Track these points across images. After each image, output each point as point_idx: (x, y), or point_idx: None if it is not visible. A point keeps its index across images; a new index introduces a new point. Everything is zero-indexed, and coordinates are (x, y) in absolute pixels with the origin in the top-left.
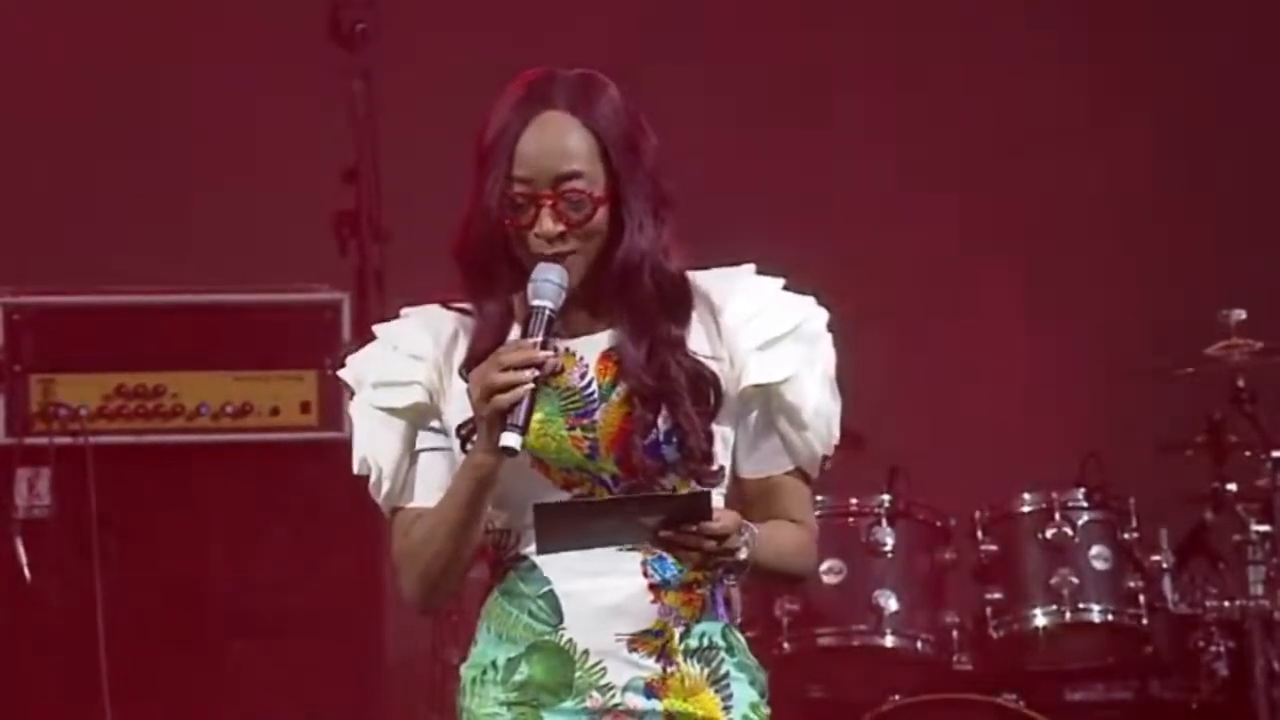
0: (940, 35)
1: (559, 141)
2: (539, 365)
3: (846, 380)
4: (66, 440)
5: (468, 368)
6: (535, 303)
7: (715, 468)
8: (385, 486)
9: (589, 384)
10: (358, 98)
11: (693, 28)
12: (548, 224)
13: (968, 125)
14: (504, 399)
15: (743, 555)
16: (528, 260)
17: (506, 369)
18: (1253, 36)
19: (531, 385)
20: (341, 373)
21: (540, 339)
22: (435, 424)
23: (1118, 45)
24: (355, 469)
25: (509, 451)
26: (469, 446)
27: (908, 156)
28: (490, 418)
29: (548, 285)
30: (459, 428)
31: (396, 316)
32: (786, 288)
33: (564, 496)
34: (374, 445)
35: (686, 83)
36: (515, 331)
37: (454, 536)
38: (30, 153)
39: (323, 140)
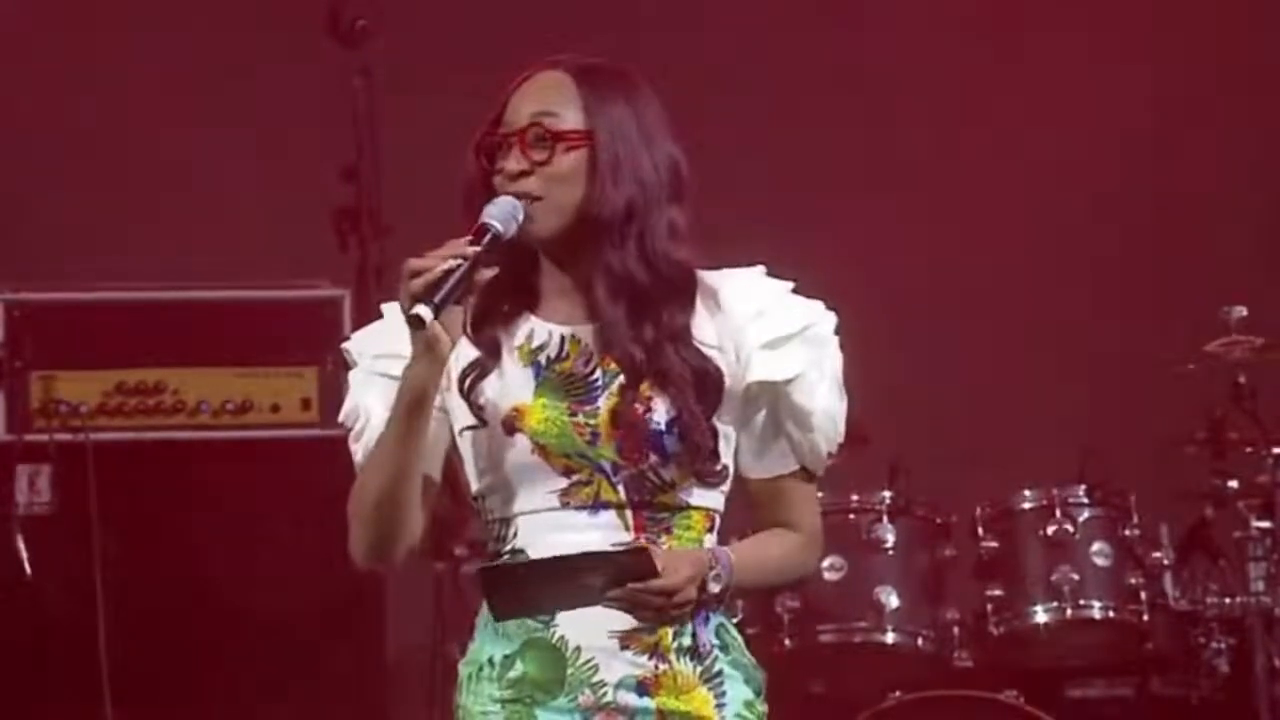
0: (937, 34)
1: (541, 89)
2: (464, 257)
3: (849, 377)
4: (67, 437)
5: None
6: (481, 220)
7: (719, 466)
8: (366, 437)
9: (593, 370)
10: (358, 94)
11: (696, 27)
12: (511, 161)
13: (966, 124)
14: (418, 282)
15: (715, 589)
16: None
17: (430, 257)
18: (1257, 32)
19: (449, 265)
20: (345, 345)
21: (472, 239)
22: (435, 401)
23: (1119, 43)
24: (341, 416)
25: (416, 320)
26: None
27: (906, 155)
28: (407, 300)
29: (498, 209)
30: (461, 376)
31: None
32: (795, 291)
33: (563, 483)
34: (367, 398)
35: (690, 82)
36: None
37: (390, 465)
38: (30, 150)
39: (323, 137)
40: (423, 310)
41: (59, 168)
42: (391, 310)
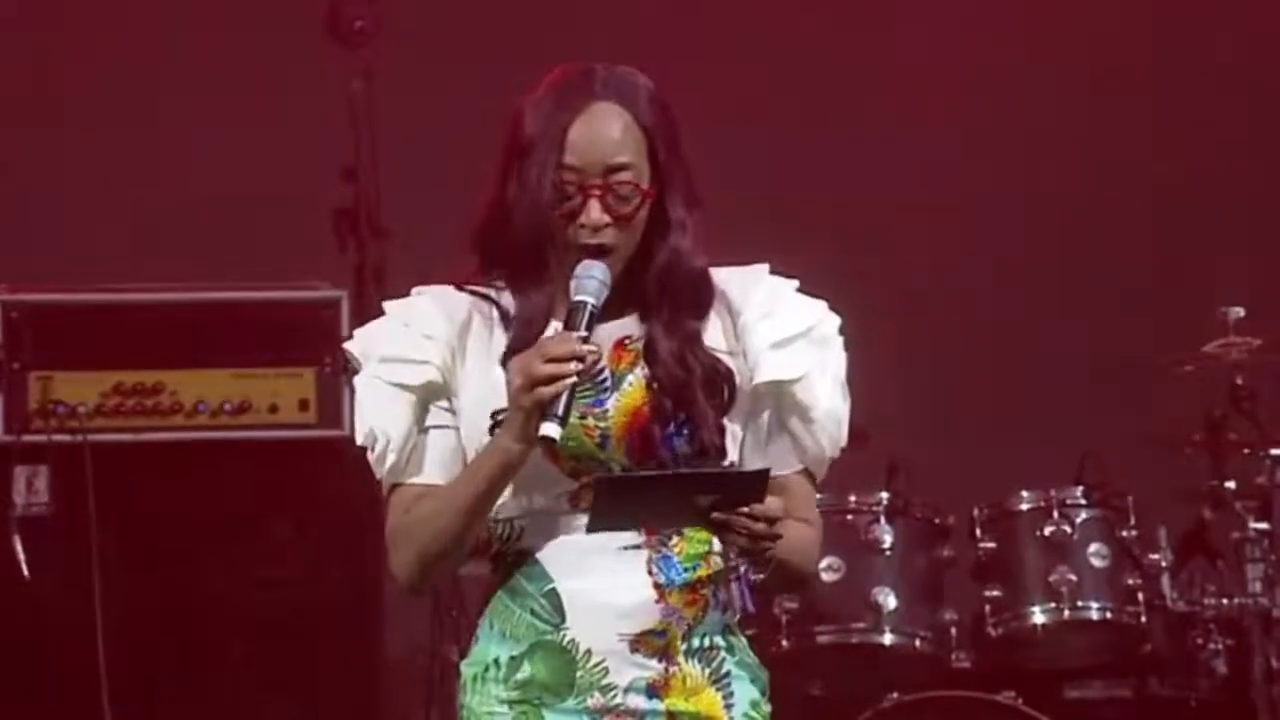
0: (936, 35)
1: (609, 132)
2: (581, 358)
3: (848, 377)
4: (65, 438)
5: (507, 358)
6: (578, 298)
7: (726, 463)
8: (390, 459)
9: (601, 372)
10: (357, 95)
11: (696, 27)
12: (595, 214)
13: (967, 123)
14: (547, 391)
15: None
16: (565, 249)
17: (550, 360)
18: (1252, 33)
19: (574, 379)
20: (348, 344)
21: (584, 333)
22: (444, 403)
23: (1117, 42)
24: (359, 439)
25: (548, 441)
26: (495, 431)
27: (906, 156)
28: (531, 408)
29: (591, 281)
30: (494, 413)
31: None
32: (799, 290)
33: (572, 486)
34: (382, 417)
35: (690, 82)
36: (553, 326)
37: (463, 519)
38: (29, 150)
39: (322, 138)
40: (554, 431)
41: (59, 168)
42: (394, 309)
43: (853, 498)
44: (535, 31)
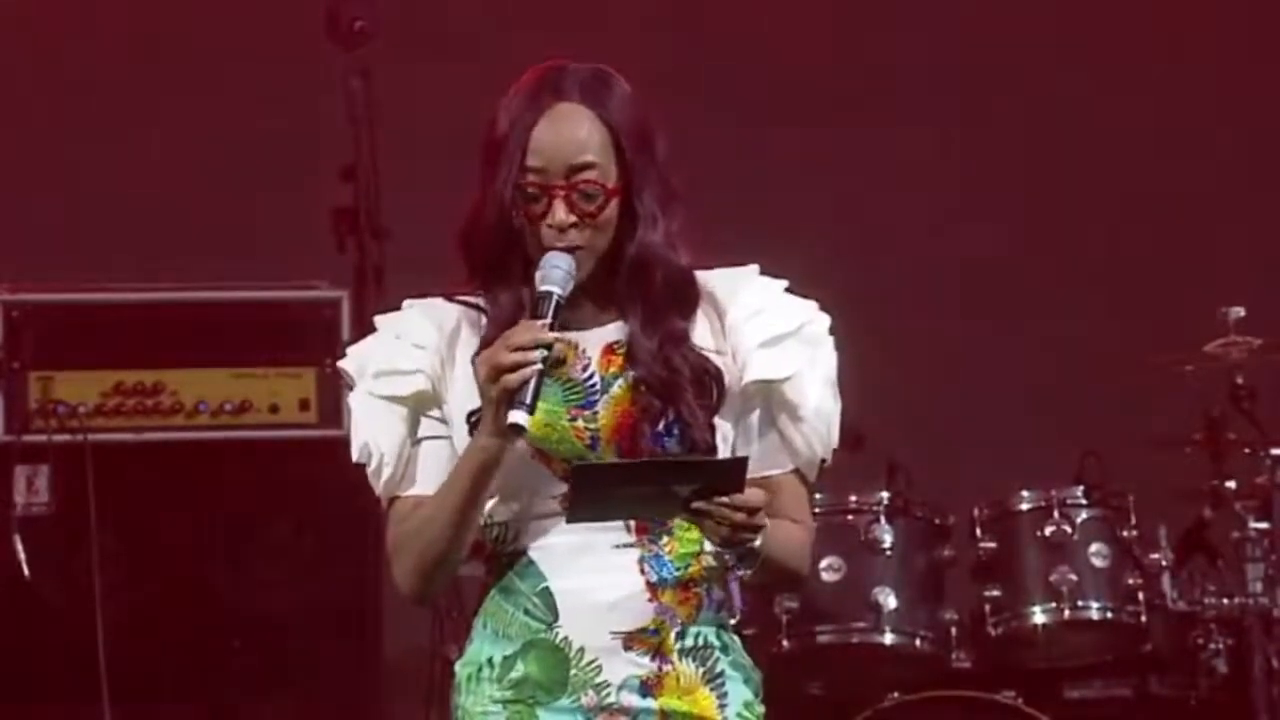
0: (935, 35)
1: (573, 132)
2: (547, 346)
3: (846, 377)
4: (65, 438)
5: (477, 355)
6: (543, 288)
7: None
8: (385, 473)
9: (590, 375)
10: (356, 95)
11: (693, 26)
12: (560, 214)
13: (964, 124)
14: (512, 378)
15: (757, 543)
16: (536, 251)
17: (515, 349)
18: (1252, 31)
19: (539, 366)
20: (342, 363)
21: (548, 321)
22: (436, 413)
23: (1116, 40)
24: (355, 456)
25: (517, 429)
26: (474, 433)
27: (904, 155)
28: (498, 397)
29: (556, 271)
30: (469, 415)
31: (397, 310)
32: (789, 291)
33: (563, 488)
34: (375, 432)
35: (687, 81)
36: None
37: (453, 523)
38: (29, 150)
39: (321, 137)
40: (522, 419)
41: (59, 168)
42: (384, 322)
43: (853, 498)
44: (535, 31)
